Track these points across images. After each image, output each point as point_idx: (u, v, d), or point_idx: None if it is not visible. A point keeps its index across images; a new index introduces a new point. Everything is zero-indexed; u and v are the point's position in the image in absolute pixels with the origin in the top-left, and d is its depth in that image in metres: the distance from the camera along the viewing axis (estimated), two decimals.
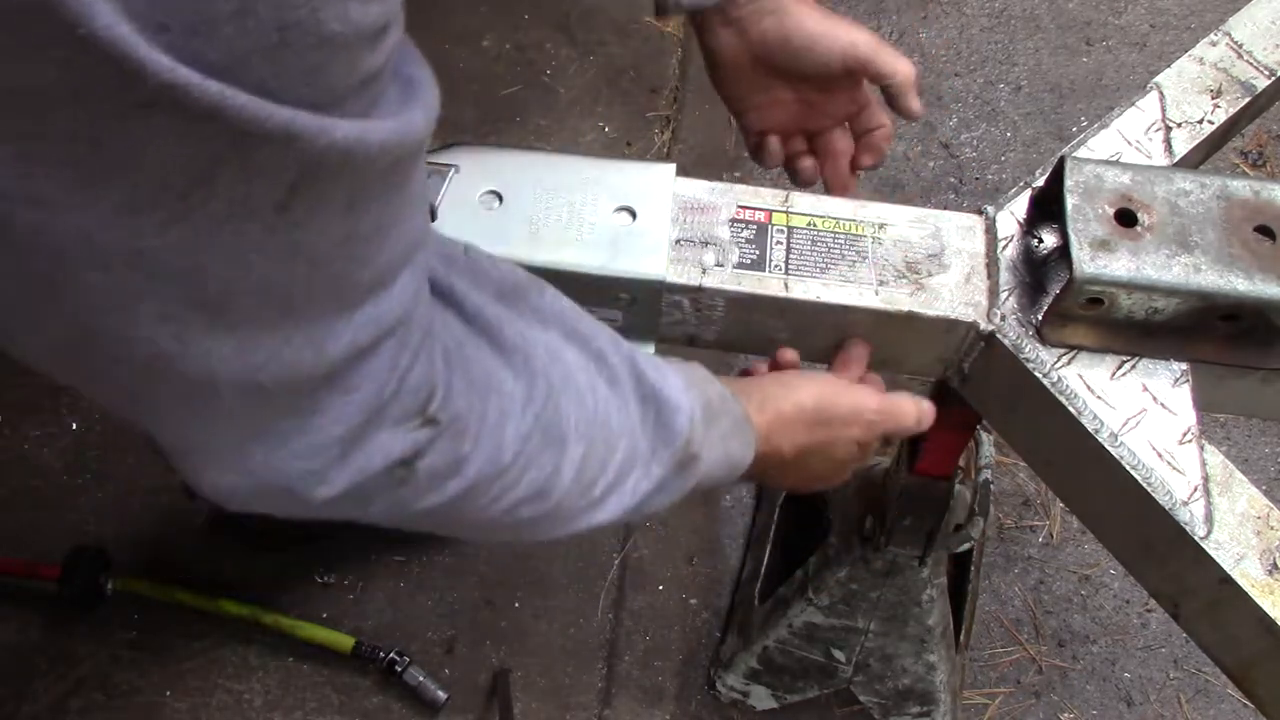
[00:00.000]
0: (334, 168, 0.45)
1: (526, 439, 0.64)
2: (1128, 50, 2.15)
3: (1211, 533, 0.78)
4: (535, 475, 0.65)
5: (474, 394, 0.61)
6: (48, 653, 1.44)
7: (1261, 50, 1.01)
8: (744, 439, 0.80)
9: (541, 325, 0.69)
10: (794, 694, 1.44)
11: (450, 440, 0.60)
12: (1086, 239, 0.82)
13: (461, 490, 0.62)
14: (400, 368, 0.55)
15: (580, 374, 0.68)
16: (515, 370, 0.64)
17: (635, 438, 0.71)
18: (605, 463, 0.69)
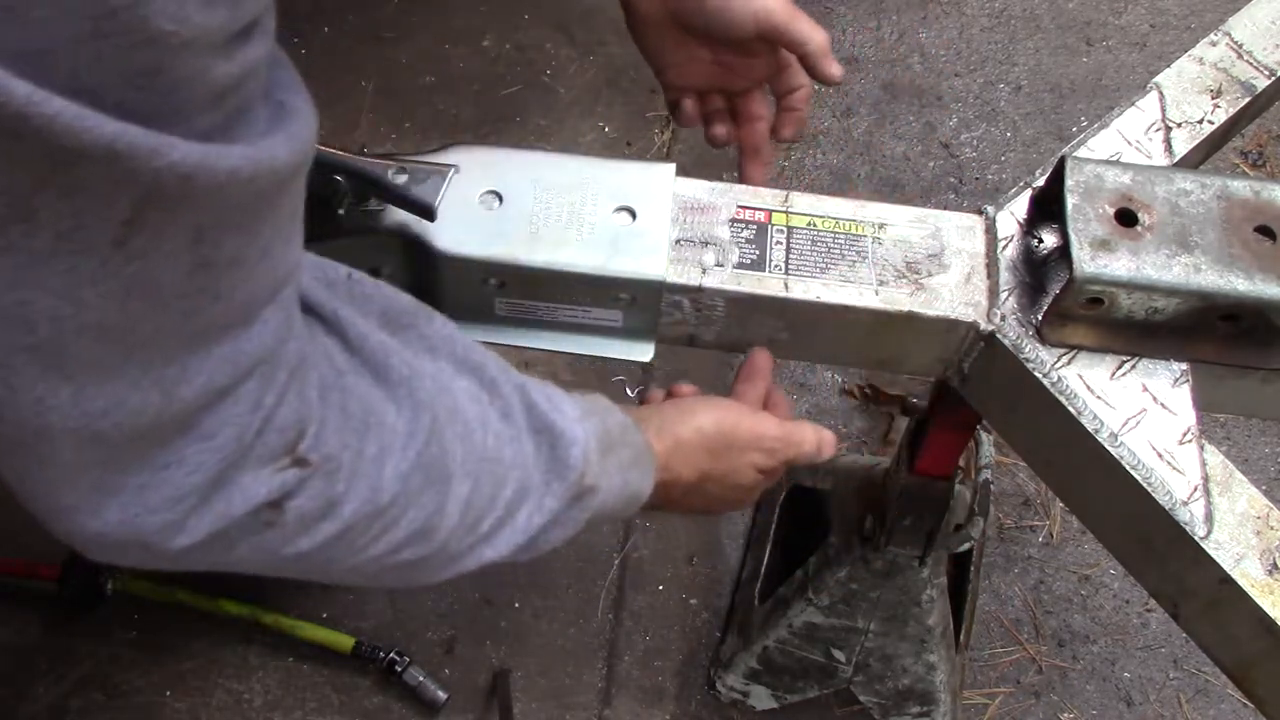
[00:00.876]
0: (174, 194, 0.40)
1: (407, 478, 0.60)
2: (1128, 50, 2.15)
3: (1211, 533, 0.78)
4: (416, 515, 0.61)
5: (350, 430, 0.57)
6: (48, 653, 1.44)
7: (1261, 50, 1.01)
8: (643, 469, 0.78)
9: (430, 354, 0.65)
10: (794, 694, 1.44)
11: (323, 480, 0.55)
12: (1087, 239, 0.82)
13: (335, 532, 0.58)
14: (264, 408, 0.51)
15: (470, 406, 0.65)
16: (399, 404, 0.60)
17: (527, 471, 0.68)
18: (494, 498, 0.66)
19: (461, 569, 0.69)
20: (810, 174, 1.99)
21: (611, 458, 0.74)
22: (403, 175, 0.85)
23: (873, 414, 1.77)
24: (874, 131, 2.03)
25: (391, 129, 1.85)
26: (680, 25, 0.94)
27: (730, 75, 0.99)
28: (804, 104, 0.99)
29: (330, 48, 1.92)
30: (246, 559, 0.58)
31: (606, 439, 0.73)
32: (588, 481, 0.71)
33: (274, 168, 0.44)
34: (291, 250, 0.50)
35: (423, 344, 0.65)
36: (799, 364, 1.80)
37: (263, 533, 0.56)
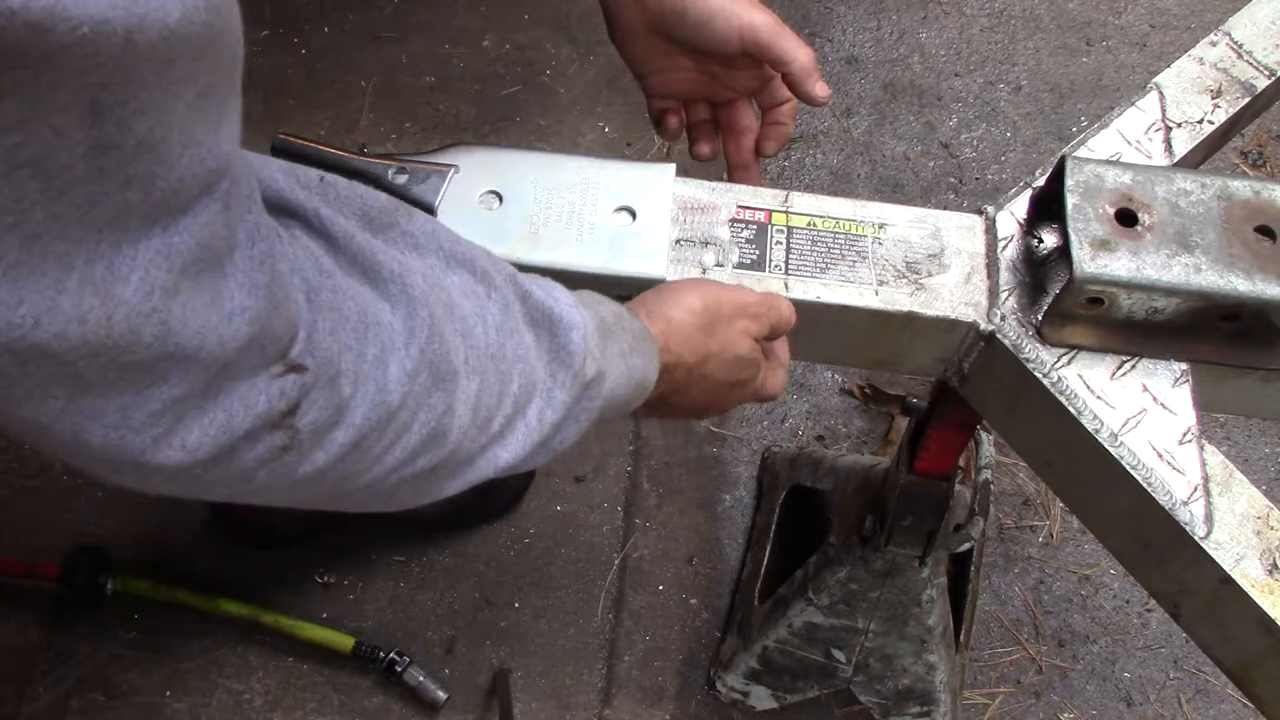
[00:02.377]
0: (31, 51, 0.36)
1: (413, 377, 0.57)
2: (1128, 50, 2.15)
3: (1211, 533, 0.78)
4: (427, 416, 0.59)
5: (348, 332, 0.55)
6: (48, 653, 1.44)
7: (1261, 50, 1.01)
8: (647, 353, 0.75)
9: (417, 251, 0.63)
10: (794, 694, 1.44)
11: (326, 387, 0.53)
12: (1087, 239, 0.82)
13: (350, 442, 0.56)
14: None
15: (466, 301, 0.62)
16: (393, 302, 0.58)
17: (530, 363, 0.65)
18: (502, 395, 0.63)
19: (479, 475, 0.66)
20: (810, 174, 1.99)
21: (612, 344, 0.71)
22: (403, 175, 0.85)
23: (873, 414, 1.77)
24: (874, 131, 2.03)
25: (391, 129, 1.85)
26: (662, 34, 0.93)
27: (715, 85, 0.97)
28: (789, 119, 0.97)
29: (330, 48, 1.92)
30: (265, 486, 0.55)
31: (604, 326, 0.71)
32: (593, 368, 0.68)
33: (165, 25, 0.39)
34: (221, 139, 0.46)
35: (408, 241, 0.62)
36: (799, 364, 1.80)
37: (279, 456, 0.53)
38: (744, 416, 1.75)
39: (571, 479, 1.62)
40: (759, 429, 1.75)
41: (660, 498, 1.62)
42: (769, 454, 1.69)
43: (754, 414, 1.76)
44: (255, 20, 1.93)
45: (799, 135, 2.02)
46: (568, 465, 1.62)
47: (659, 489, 1.63)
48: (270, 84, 1.86)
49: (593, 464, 1.63)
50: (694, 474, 1.67)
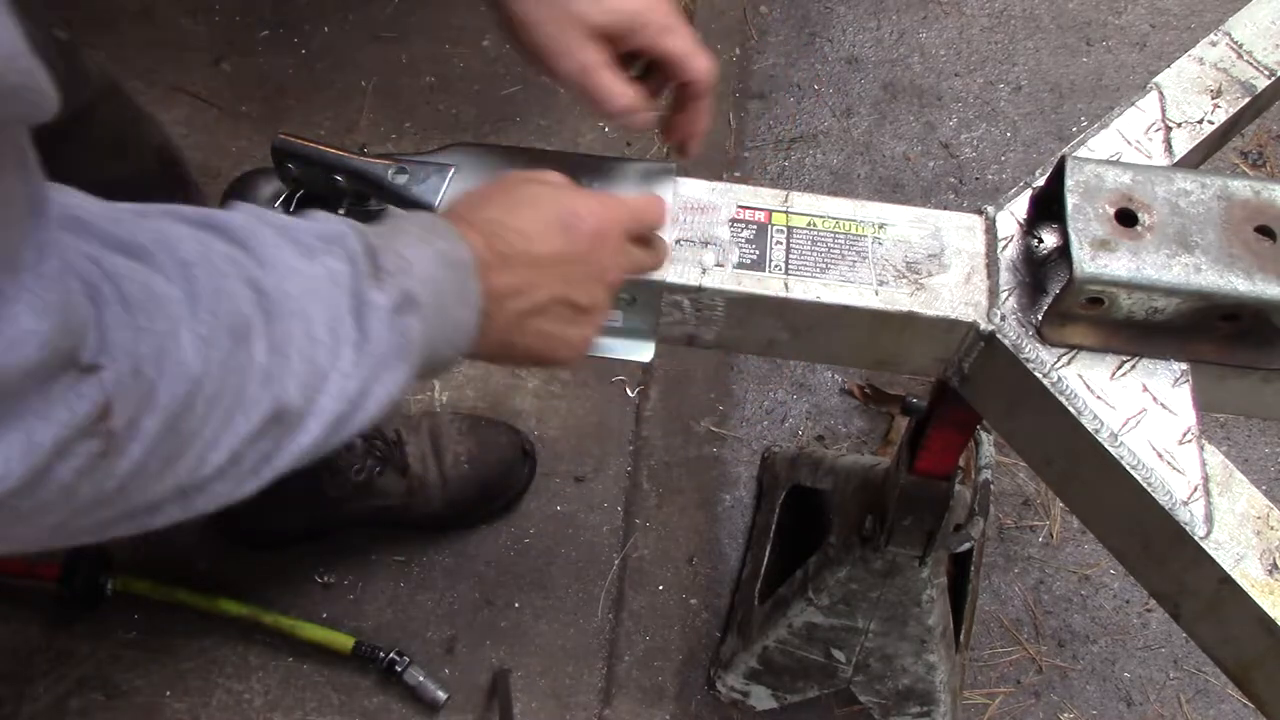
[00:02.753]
0: None
1: (209, 341, 0.55)
2: (1128, 50, 2.15)
3: (1211, 533, 0.78)
4: (238, 379, 0.57)
5: (138, 313, 0.52)
6: (48, 653, 1.44)
7: (1261, 50, 1.01)
8: (444, 232, 0.70)
9: (162, 215, 0.59)
10: (794, 694, 1.44)
11: (130, 378, 0.51)
12: (1087, 238, 0.82)
13: (162, 426, 0.53)
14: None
15: (234, 250, 0.59)
16: (166, 272, 0.55)
17: (332, 284, 0.62)
18: (310, 333, 0.60)
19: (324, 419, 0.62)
20: (810, 174, 1.99)
21: (400, 236, 0.68)
22: (403, 175, 0.85)
23: (873, 414, 1.77)
24: (874, 131, 2.03)
25: (391, 129, 1.85)
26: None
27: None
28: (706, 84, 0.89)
29: (330, 48, 1.92)
30: (93, 500, 0.53)
31: (384, 229, 0.68)
32: (382, 261, 0.64)
33: None
34: None
35: (150, 210, 0.59)
36: (799, 364, 1.80)
37: (99, 463, 0.51)
38: (744, 417, 1.75)
39: (571, 479, 1.62)
40: (759, 429, 1.75)
41: (660, 498, 1.62)
42: (769, 454, 1.69)
43: (754, 414, 1.76)
44: (255, 20, 1.94)
45: (799, 135, 2.02)
46: (568, 465, 1.62)
47: (659, 489, 1.63)
48: (270, 84, 1.87)
49: (593, 464, 1.63)
50: (694, 474, 1.67)
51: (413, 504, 1.48)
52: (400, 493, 1.47)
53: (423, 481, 1.48)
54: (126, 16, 1.92)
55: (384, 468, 1.45)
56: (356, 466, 1.43)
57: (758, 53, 2.11)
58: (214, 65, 1.88)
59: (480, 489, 1.52)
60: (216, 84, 1.86)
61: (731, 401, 1.76)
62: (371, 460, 1.44)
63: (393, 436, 1.48)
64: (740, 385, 1.78)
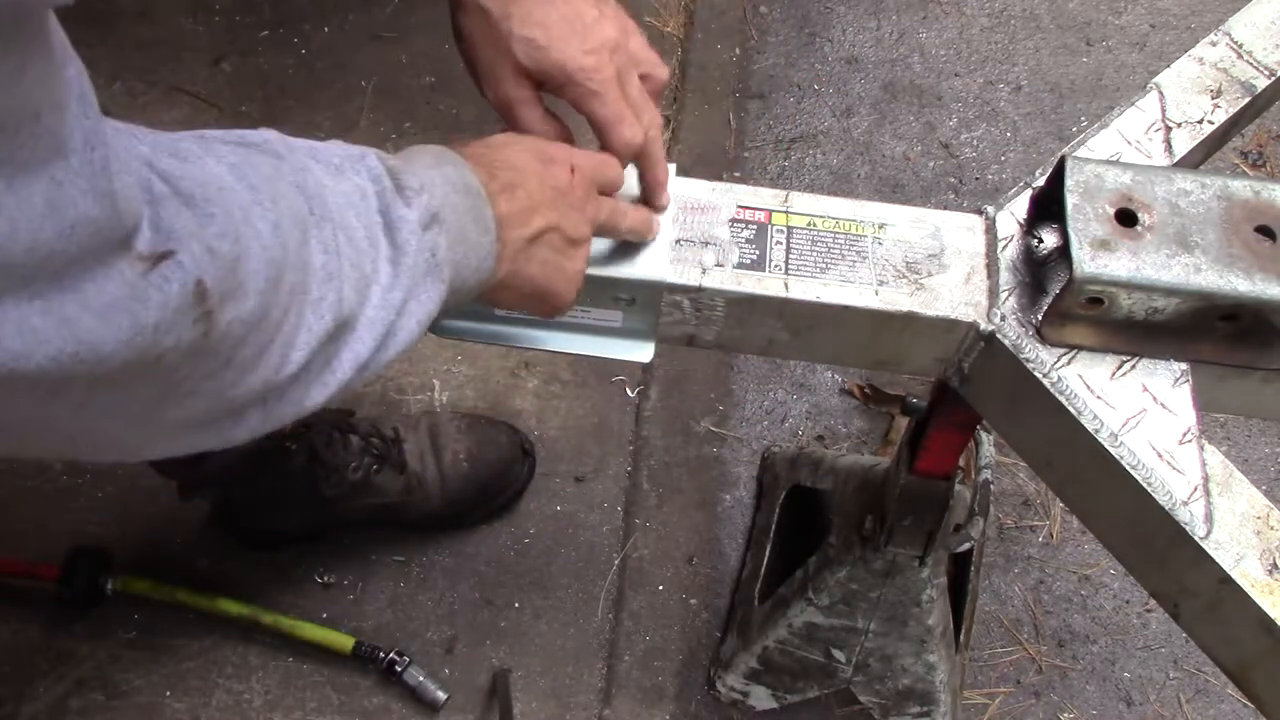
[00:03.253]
0: None
1: (279, 228, 0.57)
2: (1128, 50, 2.15)
3: (1211, 533, 0.78)
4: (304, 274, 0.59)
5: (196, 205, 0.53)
6: (48, 653, 1.44)
7: (1261, 50, 1.01)
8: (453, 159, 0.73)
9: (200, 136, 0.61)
10: (794, 694, 1.44)
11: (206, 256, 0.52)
12: (1087, 238, 0.82)
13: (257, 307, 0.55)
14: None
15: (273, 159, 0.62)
16: (217, 168, 0.57)
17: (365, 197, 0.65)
18: (352, 237, 0.63)
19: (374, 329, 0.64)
20: (810, 174, 1.99)
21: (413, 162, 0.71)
22: None
23: (873, 414, 1.77)
24: (874, 131, 2.03)
25: (391, 129, 1.85)
26: None
27: None
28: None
29: (330, 48, 1.92)
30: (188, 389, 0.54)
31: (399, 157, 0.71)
32: (403, 180, 0.67)
33: None
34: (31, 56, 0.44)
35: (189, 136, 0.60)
36: (799, 364, 1.80)
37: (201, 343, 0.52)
38: (744, 417, 1.75)
39: (571, 479, 1.62)
40: (759, 429, 1.75)
41: (660, 498, 1.62)
42: (769, 454, 1.69)
43: (754, 414, 1.76)
44: (255, 20, 1.94)
45: (799, 135, 2.02)
46: (568, 465, 1.62)
47: (659, 489, 1.63)
48: (270, 84, 1.87)
49: (593, 464, 1.63)
50: (694, 474, 1.67)
51: (411, 502, 1.48)
52: (398, 491, 1.47)
53: (421, 479, 1.48)
54: (126, 16, 1.92)
55: (382, 466, 1.45)
56: (354, 464, 1.43)
57: (758, 53, 2.11)
58: (214, 65, 1.88)
59: (479, 487, 1.52)
60: (216, 84, 1.86)
61: (731, 401, 1.76)
62: (369, 458, 1.44)
63: (390, 434, 1.48)
64: (740, 385, 1.78)
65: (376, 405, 1.62)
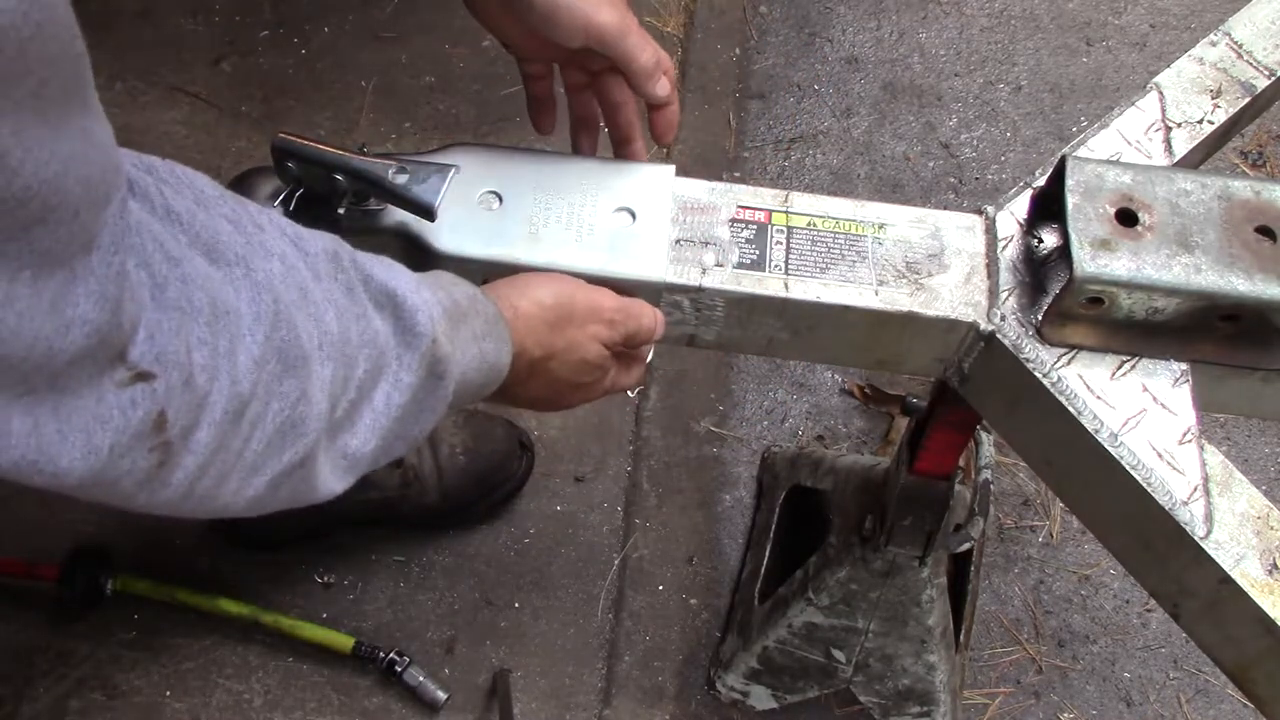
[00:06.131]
0: None
1: (261, 364, 0.55)
2: (1128, 50, 2.15)
3: (1211, 533, 0.78)
4: (280, 405, 0.57)
5: (200, 325, 0.52)
6: (48, 653, 1.44)
7: (1261, 50, 1.01)
8: (498, 339, 0.74)
9: (257, 229, 0.60)
10: (794, 694, 1.44)
11: (182, 388, 0.51)
12: (1087, 238, 0.82)
13: (214, 441, 0.54)
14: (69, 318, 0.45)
15: (312, 283, 0.60)
16: (236, 285, 0.55)
17: (378, 347, 0.64)
18: (347, 380, 0.62)
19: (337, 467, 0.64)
20: (810, 174, 1.99)
21: (464, 327, 0.70)
22: (403, 175, 0.85)
23: (873, 414, 1.77)
24: (874, 131, 2.03)
25: (391, 129, 1.85)
26: (515, 18, 0.91)
27: (581, 59, 0.94)
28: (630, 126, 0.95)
29: (330, 48, 1.92)
30: (146, 505, 0.55)
31: (455, 309, 0.70)
32: (441, 351, 0.67)
33: None
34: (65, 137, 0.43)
35: (247, 221, 0.59)
36: (799, 364, 1.80)
37: (155, 473, 0.52)
38: (744, 417, 1.75)
39: (571, 479, 1.62)
40: (759, 429, 1.75)
41: (660, 498, 1.62)
42: (769, 454, 1.69)
43: (754, 414, 1.76)
44: (255, 20, 1.94)
45: (799, 135, 2.02)
46: (568, 465, 1.62)
47: (659, 489, 1.63)
48: (270, 84, 1.86)
49: (593, 464, 1.63)
50: (694, 474, 1.67)
51: (408, 495, 1.48)
52: (395, 485, 1.47)
53: (418, 473, 1.48)
54: (126, 16, 1.92)
55: None
56: None
57: (758, 53, 2.11)
58: (214, 65, 1.88)
59: (476, 481, 1.52)
60: (216, 84, 1.86)
61: (731, 401, 1.76)
62: None
63: None
64: (740, 385, 1.78)
65: None
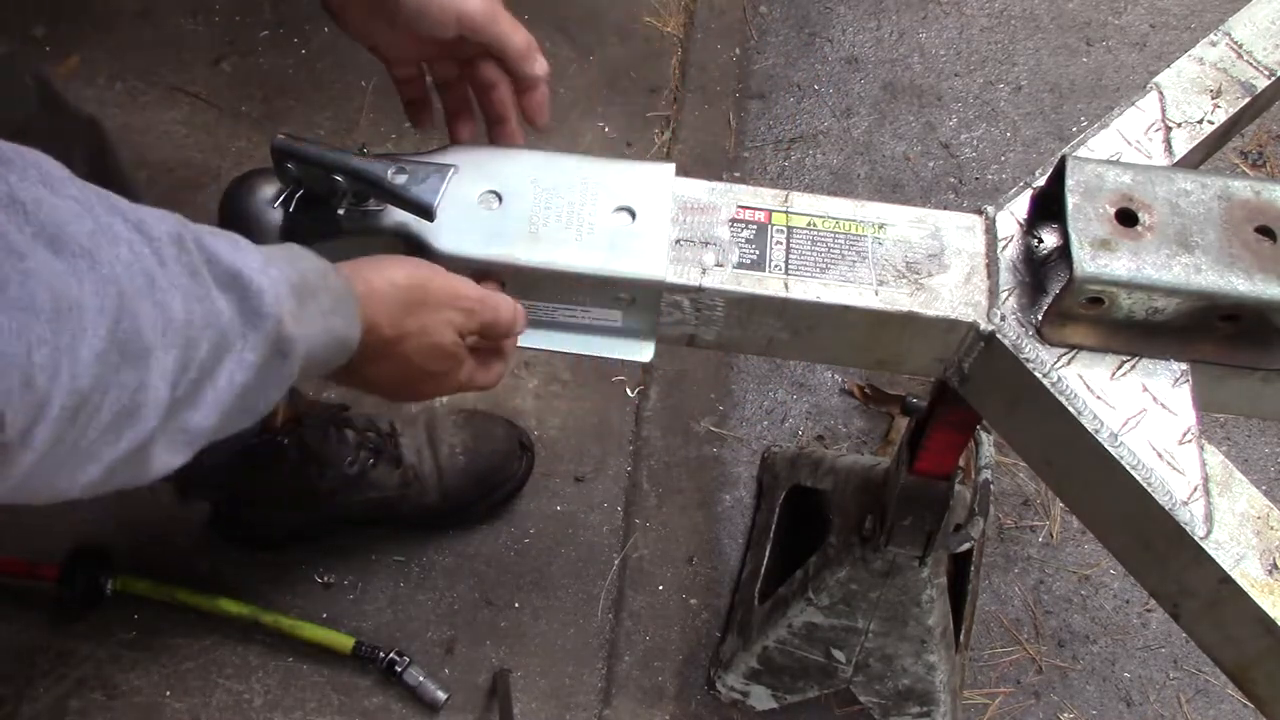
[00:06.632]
0: None
1: (103, 357, 0.55)
2: (1128, 50, 2.15)
3: (1211, 533, 0.78)
4: (118, 394, 0.57)
5: (41, 324, 0.52)
6: (48, 653, 1.44)
7: (1261, 50, 1.01)
8: (346, 315, 0.74)
9: (105, 212, 0.59)
10: (794, 694, 1.44)
11: (22, 390, 0.51)
12: (1087, 238, 0.82)
13: (51, 436, 0.54)
14: None
15: (156, 268, 0.60)
16: (80, 277, 0.55)
17: (220, 329, 0.63)
18: (188, 361, 0.61)
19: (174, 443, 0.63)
20: (810, 174, 1.99)
21: (311, 304, 0.70)
22: (402, 175, 0.85)
23: (873, 414, 1.77)
24: (874, 131, 2.03)
25: (391, 129, 1.85)
26: (384, 20, 0.91)
27: (457, 45, 0.94)
28: (503, 105, 0.95)
29: (330, 48, 1.92)
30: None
31: (303, 285, 0.70)
32: (286, 330, 0.67)
33: None
34: None
35: (95, 202, 0.59)
36: (799, 364, 1.80)
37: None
38: (744, 417, 1.75)
39: (571, 479, 1.62)
40: (759, 429, 1.75)
41: (660, 498, 1.62)
42: (769, 454, 1.69)
43: (754, 414, 1.76)
44: (255, 20, 1.94)
45: (799, 135, 2.02)
46: (568, 465, 1.62)
47: (659, 489, 1.63)
48: (270, 84, 1.86)
49: (593, 464, 1.63)
50: (694, 474, 1.67)
51: (408, 495, 1.48)
52: (395, 485, 1.47)
53: (418, 473, 1.48)
54: (126, 16, 1.92)
55: (378, 459, 1.45)
56: (350, 459, 1.43)
57: (758, 53, 2.11)
58: (214, 65, 1.88)
59: (476, 481, 1.52)
60: (216, 84, 1.86)
61: (731, 401, 1.76)
62: (365, 452, 1.44)
63: (386, 429, 1.48)
64: (740, 385, 1.78)
65: (376, 404, 1.62)
